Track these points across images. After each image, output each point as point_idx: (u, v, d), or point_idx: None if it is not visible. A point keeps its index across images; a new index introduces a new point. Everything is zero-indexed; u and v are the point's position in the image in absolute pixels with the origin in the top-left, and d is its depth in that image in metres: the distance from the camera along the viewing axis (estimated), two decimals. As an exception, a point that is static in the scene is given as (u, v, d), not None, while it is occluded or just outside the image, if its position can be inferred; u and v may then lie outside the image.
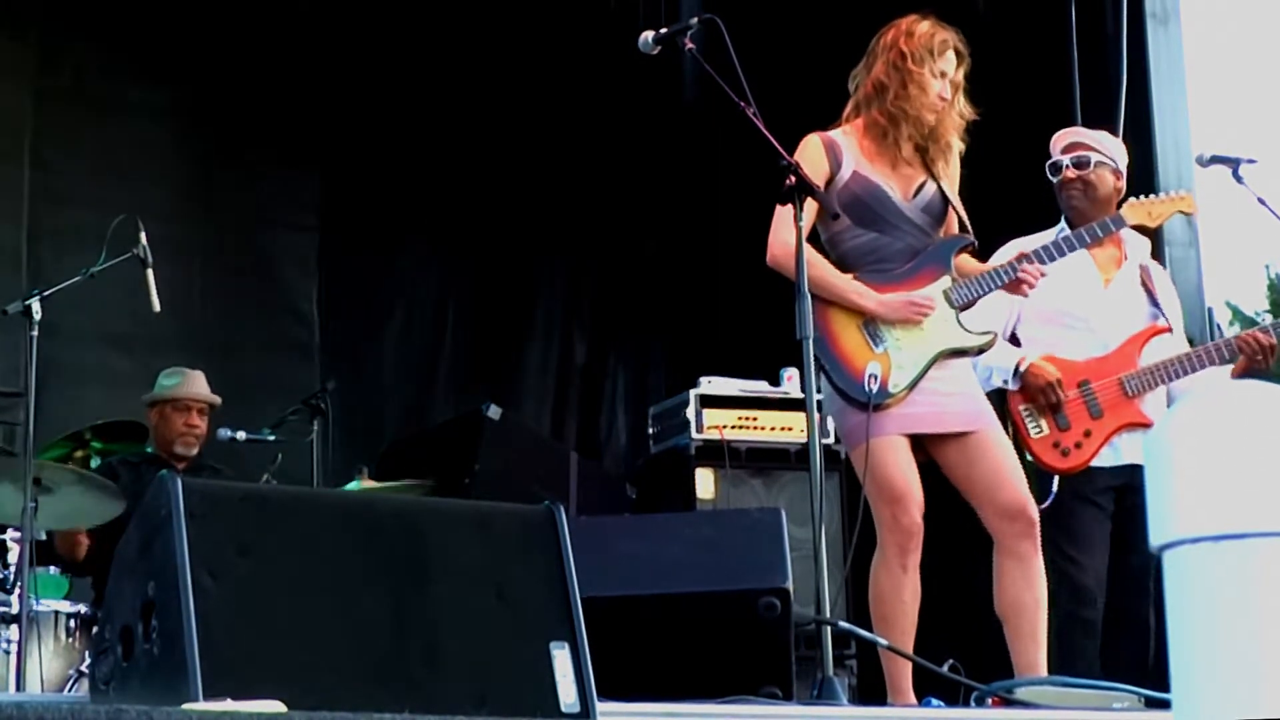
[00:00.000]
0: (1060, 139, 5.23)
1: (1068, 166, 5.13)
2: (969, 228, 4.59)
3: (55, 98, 7.62)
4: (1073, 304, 5.04)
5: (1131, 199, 4.97)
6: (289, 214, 8.08)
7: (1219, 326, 5.42)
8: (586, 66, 8.41)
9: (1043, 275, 4.54)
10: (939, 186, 4.53)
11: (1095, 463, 4.96)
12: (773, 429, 6.94)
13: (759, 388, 7.03)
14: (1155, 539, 1.88)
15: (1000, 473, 4.43)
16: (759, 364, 7.04)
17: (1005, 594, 4.44)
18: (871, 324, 4.44)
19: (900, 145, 4.47)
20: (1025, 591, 4.42)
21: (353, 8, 8.15)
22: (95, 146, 7.64)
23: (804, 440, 4.85)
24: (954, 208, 4.55)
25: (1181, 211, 5.02)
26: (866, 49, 4.58)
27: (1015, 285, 4.53)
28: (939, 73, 4.48)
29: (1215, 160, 5.06)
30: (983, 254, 4.74)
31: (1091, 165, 5.11)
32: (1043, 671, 4.41)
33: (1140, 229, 5.03)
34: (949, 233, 4.59)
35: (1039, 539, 4.43)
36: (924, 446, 4.46)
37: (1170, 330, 5.13)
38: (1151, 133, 6.59)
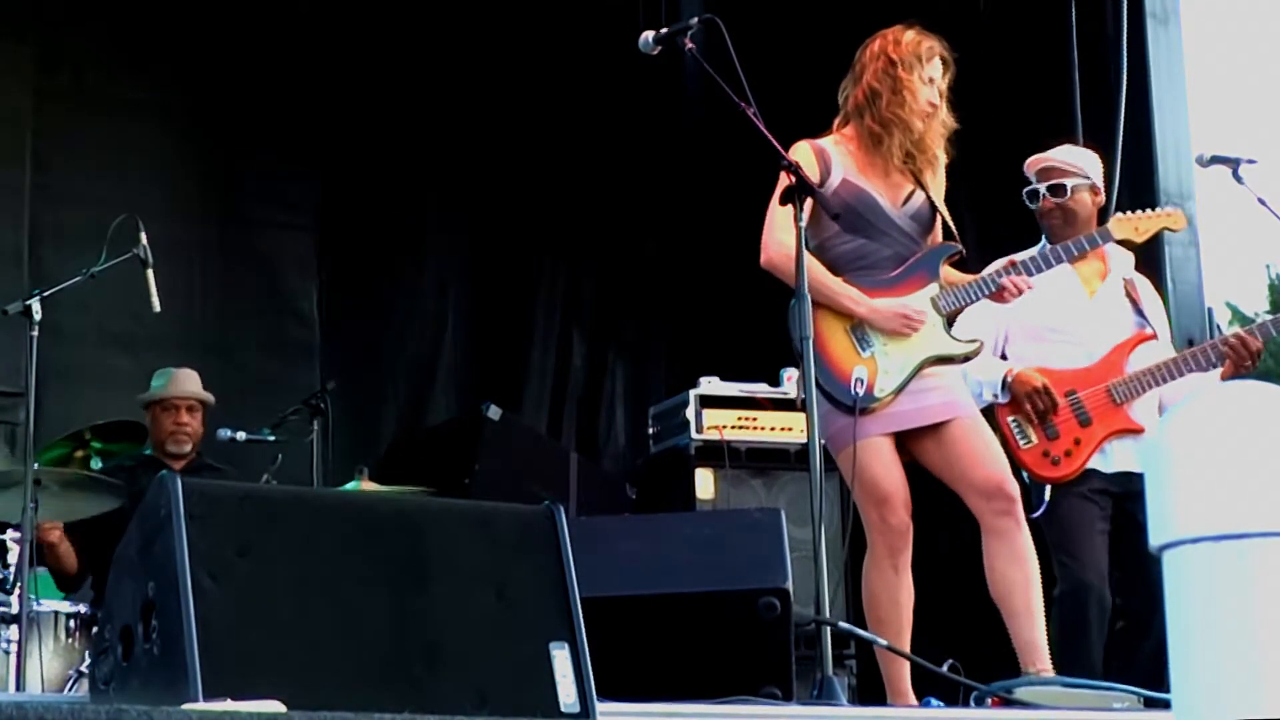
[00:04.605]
0: (1033, 164, 5.17)
1: (1045, 196, 5.09)
2: (956, 236, 4.60)
3: (55, 98, 7.61)
4: (1059, 319, 5.03)
5: (1119, 214, 4.95)
6: (289, 214, 8.08)
7: (1219, 326, 5.40)
8: (586, 67, 8.40)
9: (1029, 288, 4.54)
10: (927, 196, 4.54)
11: (1089, 466, 4.95)
12: (773, 429, 6.94)
13: (759, 388, 7.03)
14: (1155, 539, 1.88)
15: (975, 453, 4.45)
16: (759, 364, 7.04)
17: (994, 574, 4.45)
18: (859, 328, 4.45)
19: (893, 153, 4.49)
20: (1012, 568, 4.41)
21: (353, 8, 8.15)
22: (95, 146, 7.63)
23: (804, 440, 4.84)
24: (942, 216, 4.56)
25: (1169, 228, 4.99)
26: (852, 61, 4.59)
27: (999, 294, 4.54)
28: (927, 79, 4.50)
29: (1215, 160, 5.06)
30: (977, 263, 4.74)
31: (1069, 193, 5.06)
32: (1043, 646, 4.41)
33: (1126, 244, 5.01)
34: (936, 241, 4.60)
35: (1021, 516, 4.44)
36: (905, 446, 4.47)
37: (1156, 337, 5.11)
38: (1151, 133, 6.59)
